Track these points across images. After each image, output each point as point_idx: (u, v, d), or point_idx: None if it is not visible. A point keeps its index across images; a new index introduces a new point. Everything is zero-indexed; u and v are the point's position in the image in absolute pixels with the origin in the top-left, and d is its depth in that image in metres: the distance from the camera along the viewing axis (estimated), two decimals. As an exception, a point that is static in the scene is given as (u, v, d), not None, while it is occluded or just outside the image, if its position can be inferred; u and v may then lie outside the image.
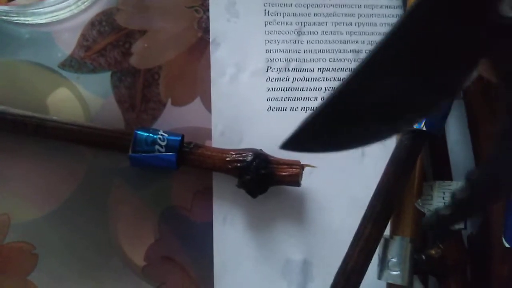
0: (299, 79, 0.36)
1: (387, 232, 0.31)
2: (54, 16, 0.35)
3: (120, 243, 0.33)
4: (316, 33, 0.37)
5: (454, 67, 0.19)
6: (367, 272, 0.29)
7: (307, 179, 0.33)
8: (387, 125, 0.20)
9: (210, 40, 0.36)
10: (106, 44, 0.35)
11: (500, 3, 0.17)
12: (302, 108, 0.36)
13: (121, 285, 0.32)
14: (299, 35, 0.37)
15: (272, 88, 0.36)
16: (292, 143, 0.21)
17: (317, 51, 0.37)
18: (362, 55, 0.37)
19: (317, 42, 0.37)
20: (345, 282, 0.29)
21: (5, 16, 0.34)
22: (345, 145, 0.21)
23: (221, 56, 0.36)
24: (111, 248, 0.33)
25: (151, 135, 0.32)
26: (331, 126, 0.20)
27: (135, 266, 0.33)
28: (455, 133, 0.36)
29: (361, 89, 0.19)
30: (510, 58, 0.19)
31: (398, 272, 0.30)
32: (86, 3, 0.35)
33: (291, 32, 0.37)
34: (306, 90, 0.36)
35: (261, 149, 0.33)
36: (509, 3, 0.17)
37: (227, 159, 0.32)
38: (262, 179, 0.32)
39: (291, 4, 0.37)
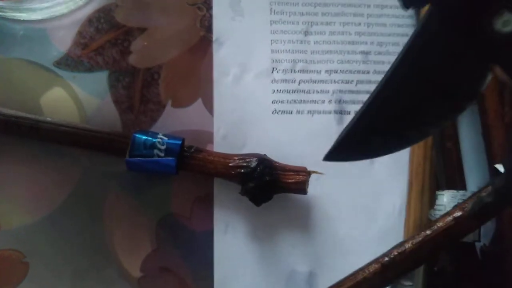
0: (305, 81, 0.35)
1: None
2: (50, 12, 0.34)
3: (116, 253, 0.32)
4: (323, 33, 0.36)
5: (469, 73, 0.22)
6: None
7: (313, 187, 0.32)
8: (417, 131, 0.23)
9: (213, 39, 0.35)
10: (104, 42, 0.34)
11: (493, 21, 0.20)
12: (308, 111, 0.35)
13: (116, 297, 0.32)
14: (306, 35, 0.36)
15: (277, 90, 0.35)
16: (334, 154, 0.24)
17: (324, 52, 0.36)
18: (371, 57, 0.36)
19: (324, 42, 0.36)
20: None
21: (-2, 11, 0.33)
22: (380, 152, 0.24)
23: (224, 56, 0.35)
24: (106, 258, 0.32)
25: (150, 138, 0.31)
26: (367, 135, 0.23)
27: (130, 277, 0.32)
28: (469, 141, 0.35)
29: (391, 99, 0.22)
30: None
31: (411, 285, 0.29)
32: (83, -1, 0.34)
33: (298, 32, 0.36)
34: (313, 93, 0.35)
35: (265, 154, 0.32)
36: (501, 22, 0.20)
37: (230, 164, 0.31)
38: (266, 186, 0.31)
39: (298, 3, 0.36)
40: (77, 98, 0.33)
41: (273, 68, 0.35)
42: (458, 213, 0.28)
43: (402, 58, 0.21)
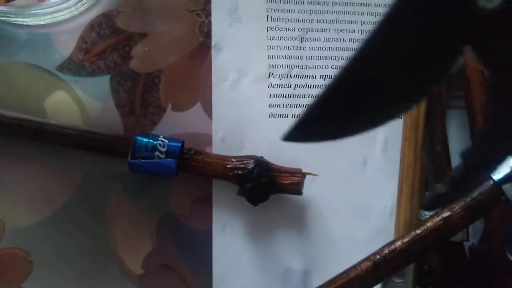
0: (301, 86, 0.36)
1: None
2: (53, 17, 0.34)
3: (118, 251, 0.32)
4: (318, 39, 0.37)
5: (440, 54, 0.20)
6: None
7: (308, 188, 0.33)
8: (383, 112, 0.21)
9: (212, 45, 0.36)
10: (105, 47, 0.35)
11: None
12: (304, 115, 0.35)
13: (118, 294, 0.32)
14: (301, 42, 0.37)
15: (274, 95, 0.36)
16: (294, 134, 0.21)
17: (319, 58, 0.37)
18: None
19: (319, 48, 0.37)
20: None
21: (3, 16, 0.33)
22: (344, 133, 0.22)
23: (222, 61, 0.36)
24: (108, 256, 0.32)
25: (151, 140, 0.31)
26: (330, 115, 0.21)
27: (132, 274, 0.32)
28: (457, 143, 0.36)
29: (357, 78, 0.20)
30: (490, 46, 0.20)
31: (401, 282, 0.30)
32: (86, 5, 0.35)
33: (294, 38, 0.37)
34: (308, 97, 0.36)
35: (262, 156, 0.33)
36: None
37: (228, 166, 0.32)
38: (263, 187, 0.32)
39: (294, 10, 0.37)
40: (80, 101, 0.34)
41: (270, 73, 0.36)
42: (446, 214, 0.29)
43: (372, 34, 0.19)
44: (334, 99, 0.21)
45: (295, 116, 0.36)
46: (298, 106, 0.36)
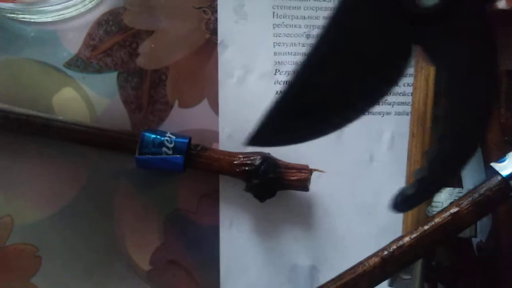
0: (307, 83, 0.36)
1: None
2: (60, 14, 0.34)
3: (125, 247, 0.32)
4: (325, 36, 0.37)
5: (390, 54, 0.20)
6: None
7: (315, 184, 0.33)
8: (339, 115, 0.22)
9: (218, 42, 0.36)
10: (112, 44, 0.35)
11: None
12: (310, 111, 0.36)
13: (126, 289, 0.32)
14: (307, 38, 0.37)
15: (280, 92, 0.35)
16: (255, 139, 0.22)
17: (326, 55, 0.36)
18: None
19: (326, 45, 0.37)
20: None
21: (10, 14, 0.33)
22: (304, 137, 0.22)
23: (229, 58, 0.36)
24: (116, 252, 0.32)
25: (158, 136, 0.31)
26: (287, 120, 0.22)
27: (140, 270, 0.32)
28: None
29: (309, 82, 0.21)
30: (436, 44, 0.20)
31: (409, 278, 0.30)
32: (93, 2, 0.35)
33: (300, 35, 0.37)
34: (315, 94, 0.36)
35: (269, 153, 0.33)
36: None
37: (235, 162, 0.32)
38: (270, 183, 0.32)
39: (300, 7, 0.37)
40: (87, 98, 0.34)
41: (276, 70, 0.36)
42: (454, 209, 0.29)
43: (324, 32, 0.20)
44: (289, 105, 0.21)
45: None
46: (304, 102, 0.36)
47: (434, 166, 0.23)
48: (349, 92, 0.21)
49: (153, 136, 0.31)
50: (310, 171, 0.32)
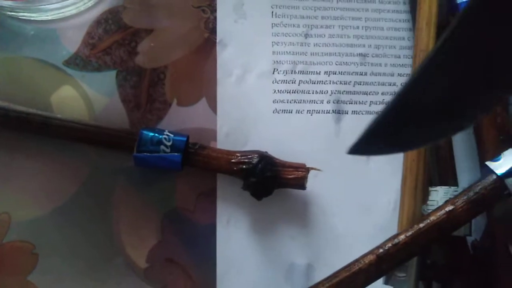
0: (305, 82, 0.36)
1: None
2: (60, 13, 0.34)
3: (123, 244, 0.32)
4: (323, 36, 0.37)
5: (508, 62, 0.19)
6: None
7: (312, 183, 0.33)
8: (450, 123, 0.21)
9: (217, 41, 0.36)
10: (112, 43, 0.35)
11: None
12: (308, 111, 0.36)
13: (123, 287, 0.32)
14: (306, 38, 0.37)
15: (278, 90, 0.36)
16: (359, 147, 0.21)
17: (324, 54, 0.37)
18: (369, 59, 0.37)
19: (324, 45, 0.37)
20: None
21: (10, 11, 0.34)
22: (411, 145, 0.22)
23: (227, 57, 0.36)
24: (113, 249, 0.32)
25: (156, 135, 0.31)
26: (396, 127, 0.21)
27: (137, 267, 0.32)
28: (461, 140, 0.36)
29: (423, 89, 0.20)
30: None
31: (404, 276, 0.30)
32: (92, 1, 0.35)
33: (298, 35, 0.37)
34: (313, 93, 0.36)
35: (266, 151, 0.33)
36: None
37: (233, 160, 0.32)
38: (267, 181, 0.32)
39: (298, 7, 0.37)
40: (86, 96, 0.34)
41: (274, 69, 0.36)
42: (449, 208, 0.29)
43: (439, 45, 0.19)
44: (400, 112, 0.20)
45: (299, 112, 0.36)
46: (302, 102, 0.36)
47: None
48: (464, 100, 0.20)
49: (151, 134, 0.31)
50: (307, 170, 0.32)
